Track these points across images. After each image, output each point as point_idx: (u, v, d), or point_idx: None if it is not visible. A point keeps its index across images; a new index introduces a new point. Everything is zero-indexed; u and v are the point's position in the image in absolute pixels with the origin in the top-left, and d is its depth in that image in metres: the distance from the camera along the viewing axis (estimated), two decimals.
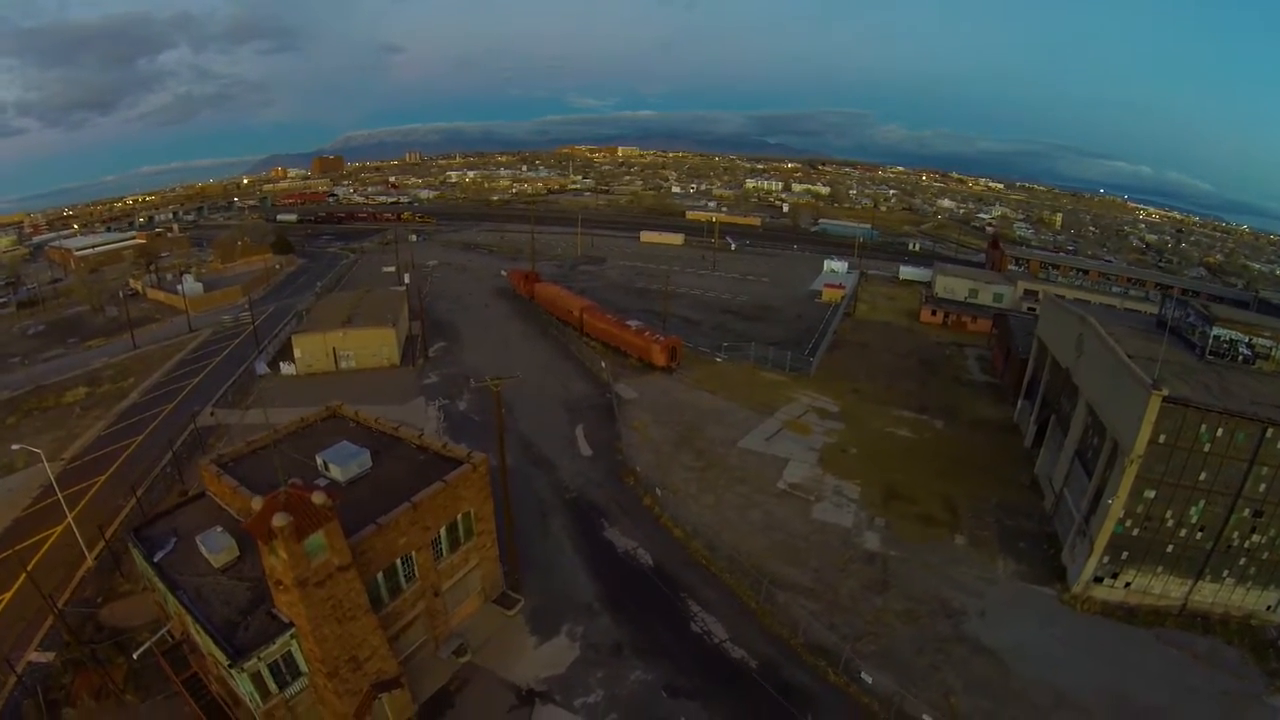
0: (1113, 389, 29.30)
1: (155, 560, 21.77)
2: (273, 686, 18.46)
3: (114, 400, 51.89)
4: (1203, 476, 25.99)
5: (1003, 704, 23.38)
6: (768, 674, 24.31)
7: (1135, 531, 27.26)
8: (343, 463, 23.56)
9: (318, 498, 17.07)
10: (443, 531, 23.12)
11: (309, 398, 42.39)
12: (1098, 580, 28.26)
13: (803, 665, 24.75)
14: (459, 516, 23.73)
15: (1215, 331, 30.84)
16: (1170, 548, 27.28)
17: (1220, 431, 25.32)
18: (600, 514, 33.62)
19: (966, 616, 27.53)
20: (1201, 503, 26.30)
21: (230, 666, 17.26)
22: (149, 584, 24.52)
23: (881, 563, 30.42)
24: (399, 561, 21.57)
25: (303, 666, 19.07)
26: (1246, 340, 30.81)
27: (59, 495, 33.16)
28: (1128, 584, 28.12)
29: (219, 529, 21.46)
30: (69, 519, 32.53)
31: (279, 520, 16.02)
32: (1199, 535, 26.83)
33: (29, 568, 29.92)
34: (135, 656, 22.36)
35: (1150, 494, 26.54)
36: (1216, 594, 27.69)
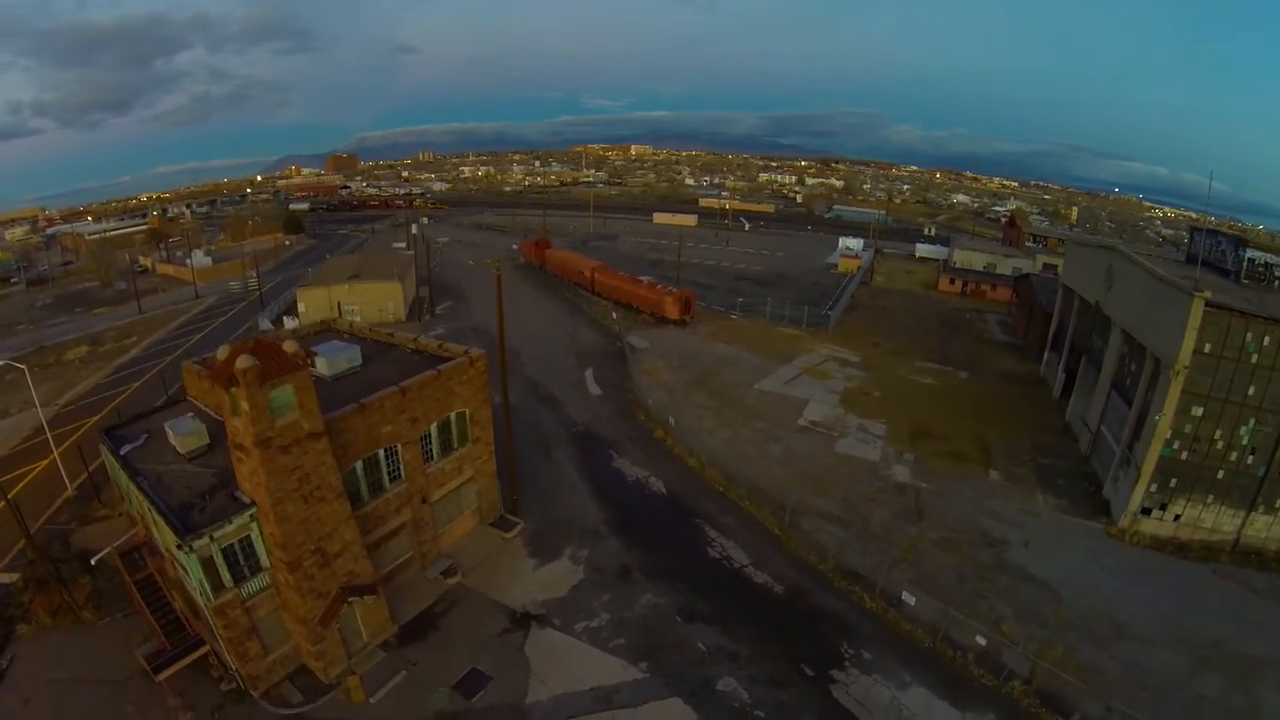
0: (1150, 308, 27.67)
1: (121, 453, 19.98)
2: (226, 578, 16.23)
3: (115, 356, 50.94)
4: (1251, 391, 24.21)
5: (1059, 633, 20.74)
6: (796, 600, 21.86)
7: (1184, 455, 25.34)
8: (330, 355, 21.61)
9: (289, 346, 15.09)
10: (433, 429, 21.02)
11: None
12: (1145, 512, 26.12)
13: (834, 591, 22.26)
14: (452, 416, 21.64)
15: (1249, 254, 29.10)
16: (1221, 474, 25.22)
17: (1267, 340, 23.68)
18: (609, 446, 31.34)
19: (1009, 546, 24.92)
20: (1252, 421, 24.45)
21: (179, 548, 15.20)
22: (116, 486, 22.75)
23: (914, 494, 27.83)
24: (382, 454, 19.47)
25: (264, 560, 16.91)
26: None
27: (48, 434, 32.00)
28: (1177, 516, 25.96)
29: (190, 414, 19.59)
30: (54, 454, 31.26)
31: (243, 362, 14.06)
32: (1250, 459, 24.86)
33: (9, 495, 28.59)
34: (93, 563, 20.52)
35: (1198, 411, 24.74)
36: (1270, 527, 25.39)
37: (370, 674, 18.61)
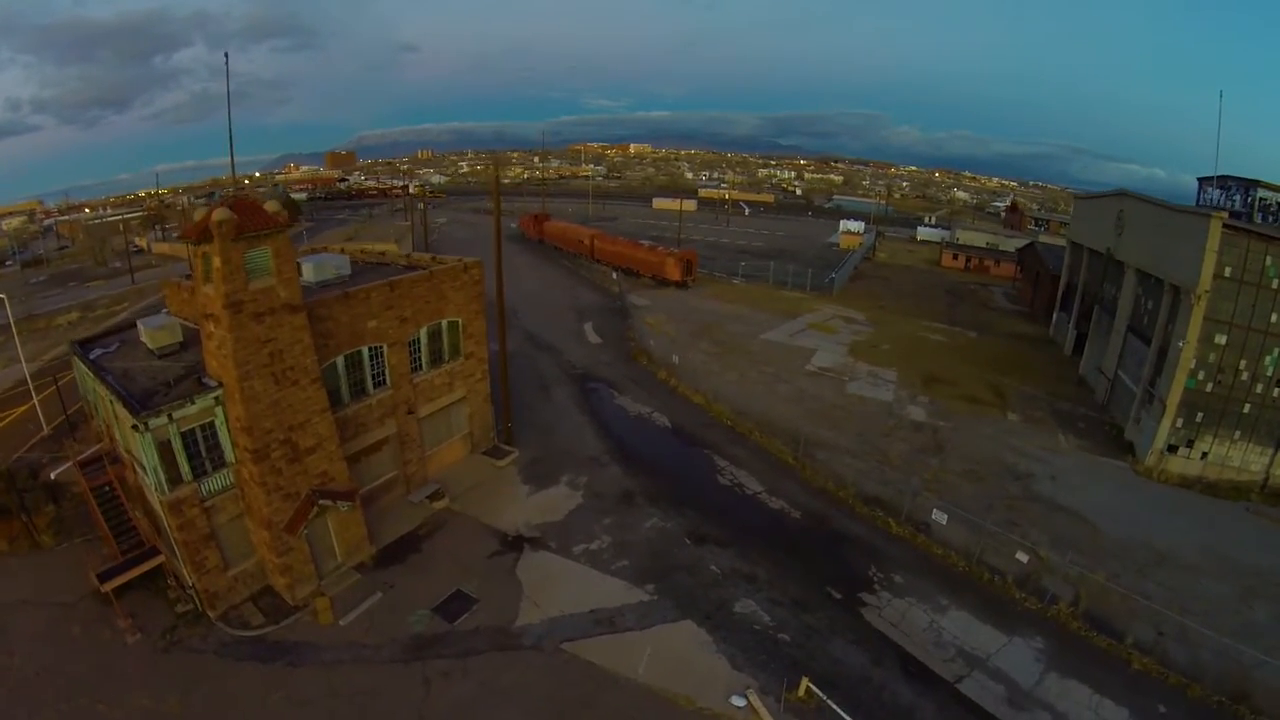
0: (1167, 240, 27.00)
1: (91, 357, 18.56)
2: (185, 469, 14.56)
3: (106, 320, 49.71)
4: (1275, 318, 23.51)
5: (1098, 559, 19.25)
6: (816, 525, 20.36)
7: (1208, 386, 24.44)
8: (318, 263, 20.19)
9: (271, 205, 13.73)
10: (423, 335, 19.56)
11: None
12: (1171, 450, 25.11)
13: (856, 516, 20.79)
14: (444, 324, 20.20)
15: (1260, 194, 28.12)
16: (1247, 407, 24.33)
17: None
18: (610, 386, 29.86)
19: (1035, 479, 23.54)
20: (1276, 351, 23.77)
21: (134, 428, 13.67)
22: (86, 400, 21.32)
23: (931, 431, 26.41)
24: (366, 352, 17.99)
25: (229, 455, 15.32)
26: None
27: (29, 384, 31.00)
28: (1204, 454, 24.98)
29: (164, 311, 18.16)
30: (34, 400, 30.21)
31: (218, 214, 12.67)
32: (1277, 391, 24.03)
33: None
34: (54, 476, 19.06)
35: (1221, 339, 24.00)
36: None
37: (342, 596, 16.98)
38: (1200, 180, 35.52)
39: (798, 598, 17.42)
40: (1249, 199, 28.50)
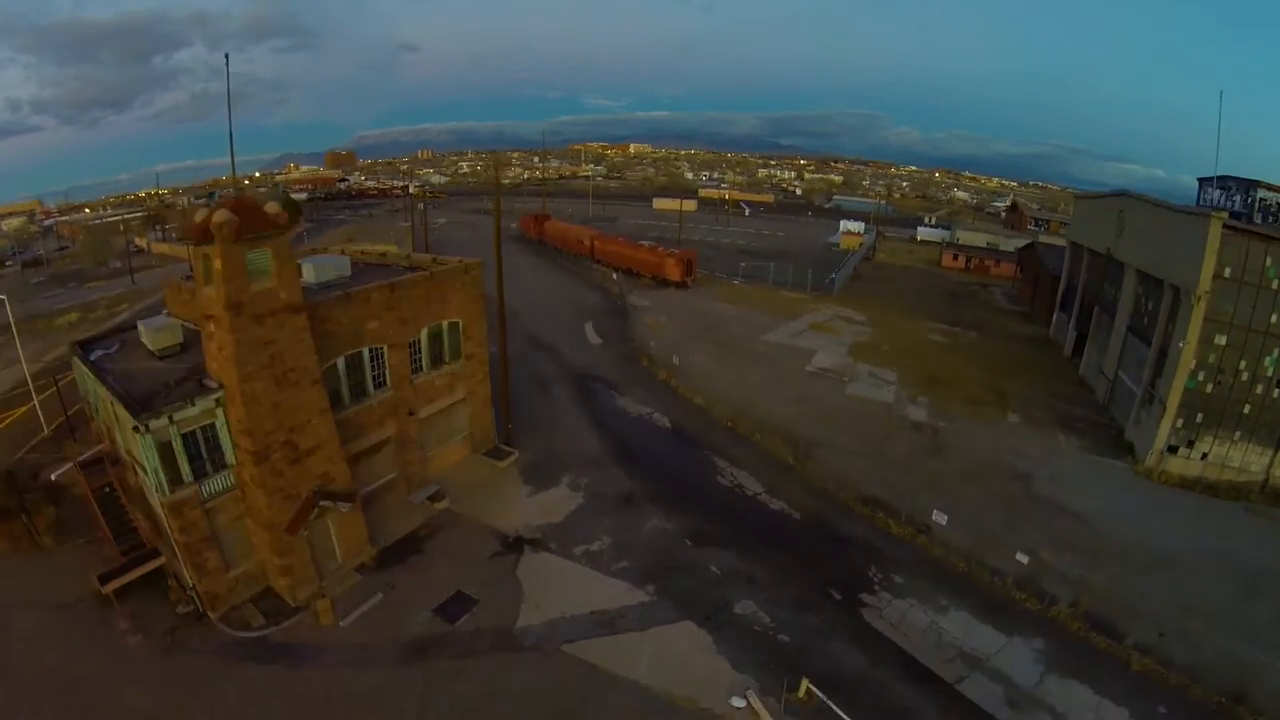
0: (1167, 241, 27.03)
1: (92, 358, 18.59)
2: (186, 470, 14.60)
3: (106, 320, 49.73)
4: (1275, 319, 23.54)
5: (1099, 561, 19.28)
6: (816, 526, 20.39)
7: (1208, 387, 24.48)
8: (318, 264, 20.21)
9: (271, 206, 13.75)
10: (424, 336, 19.59)
11: None
12: (1171, 450, 25.10)
13: (856, 516, 20.81)
14: (444, 325, 20.23)
15: (1260, 194, 28.10)
16: (1247, 408, 24.38)
17: None
18: (611, 386, 29.89)
19: (1035, 479, 23.56)
20: (1276, 352, 23.82)
21: (135, 429, 13.69)
22: (86, 401, 21.34)
23: (931, 431, 26.44)
24: (366, 353, 18.01)
25: (230, 458, 15.37)
26: None
27: (30, 384, 30.97)
28: (1204, 455, 24.97)
29: (164, 312, 18.19)
30: (34, 401, 30.24)
31: (219, 215, 12.69)
32: (1277, 392, 24.04)
33: None
34: (54, 477, 19.08)
35: (1221, 340, 24.03)
36: None
37: (343, 597, 17.00)
38: (1200, 180, 35.58)
39: (798, 598, 17.44)
40: (1249, 199, 28.51)
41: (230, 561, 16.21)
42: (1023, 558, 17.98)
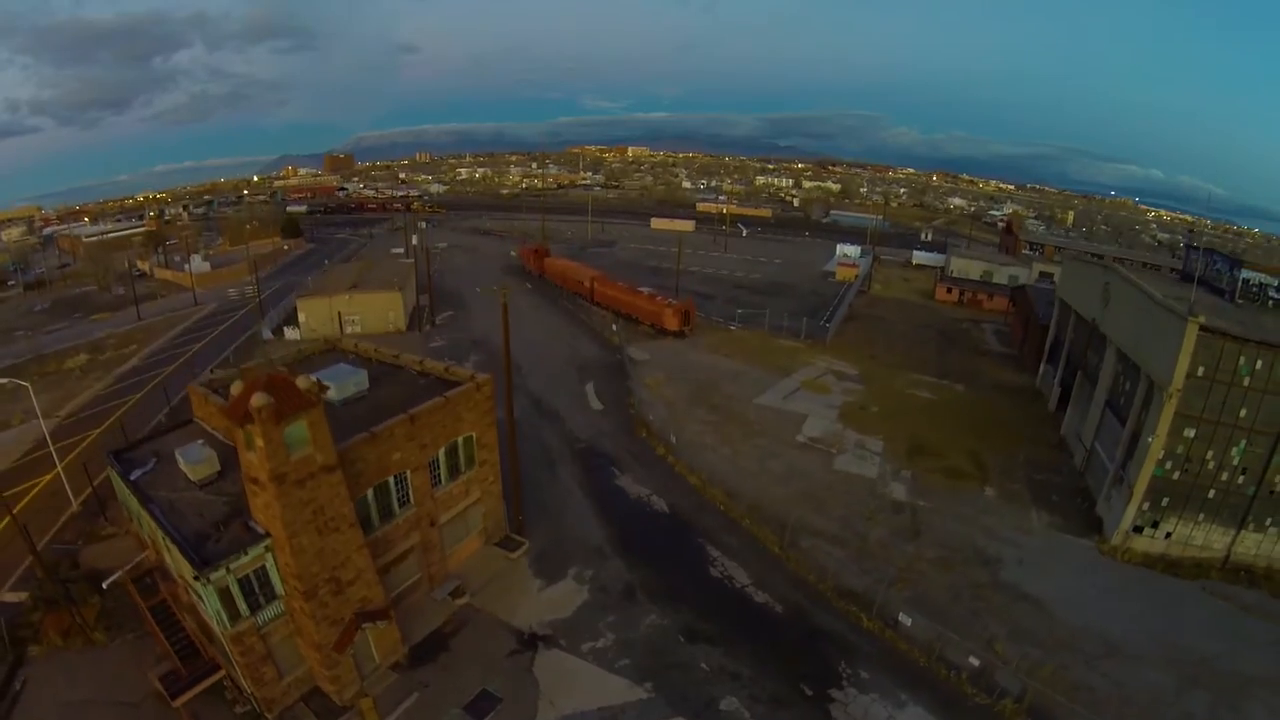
0: (1145, 329, 28.00)
1: (131, 478, 20.27)
2: (243, 607, 16.62)
3: (115, 365, 50.92)
4: (1243, 413, 24.65)
5: (1051, 651, 21.30)
6: (796, 620, 22.37)
7: (1175, 475, 25.82)
8: (339, 380, 21.96)
9: (303, 382, 15.43)
10: (441, 454, 21.41)
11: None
12: (1137, 530, 26.69)
13: (833, 611, 22.79)
14: (459, 440, 22.03)
15: (1244, 274, 29.41)
16: (1212, 493, 25.73)
17: (1260, 364, 24.04)
18: (611, 462, 31.80)
19: (1003, 564, 25.49)
20: (1243, 442, 24.90)
21: (196, 579, 15.55)
22: (125, 509, 23.01)
23: (910, 511, 28.39)
24: (392, 480, 19.86)
25: (279, 589, 17.31)
26: (1277, 284, 29.33)
27: (50, 447, 31.93)
28: (1168, 534, 26.53)
29: (200, 442, 19.89)
30: (58, 468, 31.35)
31: (258, 400, 14.39)
32: (1241, 479, 25.32)
33: (14, 511, 28.69)
34: (105, 586, 20.79)
35: (1190, 433, 25.18)
36: (1260, 545, 26.01)
37: (383, 696, 18.98)
38: (1187, 247, 36.90)
39: (775, 694, 19.43)
40: (1233, 276, 29.39)
41: (283, 670, 18.20)
42: (975, 660, 19.88)
